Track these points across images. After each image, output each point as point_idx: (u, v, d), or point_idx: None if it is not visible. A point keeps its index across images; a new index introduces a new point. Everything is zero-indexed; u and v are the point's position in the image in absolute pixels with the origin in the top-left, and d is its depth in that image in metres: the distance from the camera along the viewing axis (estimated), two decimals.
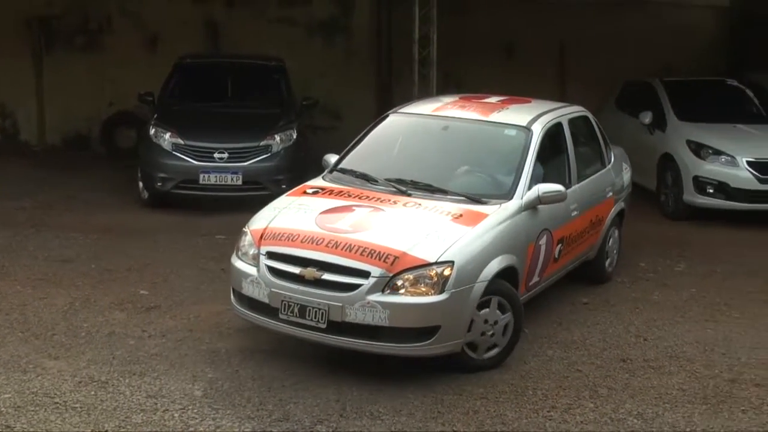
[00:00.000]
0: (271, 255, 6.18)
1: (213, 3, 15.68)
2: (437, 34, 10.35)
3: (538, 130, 7.28)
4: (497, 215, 6.47)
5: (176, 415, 5.52)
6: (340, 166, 7.37)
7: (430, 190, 6.75)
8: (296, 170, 11.19)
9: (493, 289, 6.16)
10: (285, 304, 5.97)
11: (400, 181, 6.84)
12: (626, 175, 9.14)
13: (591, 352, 6.68)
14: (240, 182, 10.90)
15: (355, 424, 5.44)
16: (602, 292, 8.15)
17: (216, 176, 10.85)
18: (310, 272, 5.93)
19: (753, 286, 8.62)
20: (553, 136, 7.52)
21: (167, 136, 11.06)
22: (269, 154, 11.10)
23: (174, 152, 10.96)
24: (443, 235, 6.10)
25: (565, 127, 7.79)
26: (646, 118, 12.19)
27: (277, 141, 11.21)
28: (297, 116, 12.06)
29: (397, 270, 5.84)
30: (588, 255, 8.15)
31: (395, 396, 5.81)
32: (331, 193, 6.81)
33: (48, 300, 7.53)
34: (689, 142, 11.50)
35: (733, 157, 11.13)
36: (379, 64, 15.89)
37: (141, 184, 11.34)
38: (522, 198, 6.70)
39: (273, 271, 6.12)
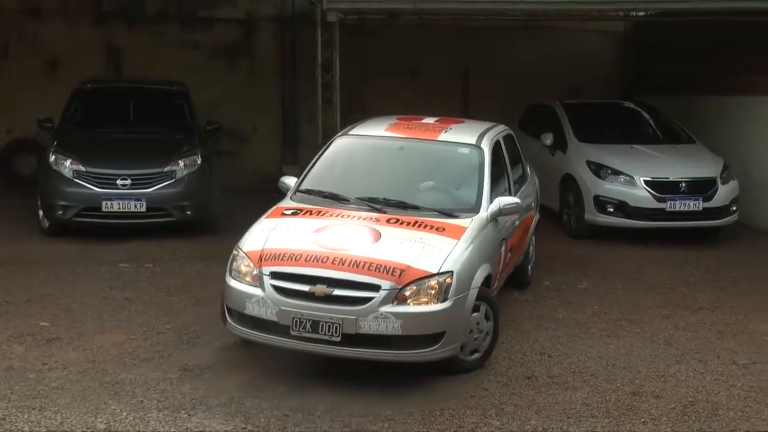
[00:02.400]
0: (276, 275, 6.35)
1: (113, 26, 15.51)
2: (341, 57, 10.43)
3: (487, 148, 7.84)
4: (473, 227, 6.95)
5: None
6: (303, 187, 7.62)
7: (403, 206, 7.13)
8: (201, 196, 11.16)
9: (479, 296, 6.66)
10: (296, 321, 6.16)
11: (372, 200, 7.20)
12: (538, 188, 9.75)
13: (497, 371, 6.79)
14: (144, 209, 10.76)
15: None
16: (507, 311, 8.29)
17: (119, 203, 10.70)
18: (321, 289, 6.18)
19: (652, 302, 8.90)
20: (496, 153, 8.07)
21: (68, 163, 10.87)
22: (173, 180, 11.00)
23: (75, 179, 10.77)
24: (437, 248, 6.53)
25: (502, 144, 8.41)
26: (548, 139, 12.51)
27: (181, 166, 11.11)
28: (201, 141, 11.99)
29: (404, 282, 6.21)
30: (519, 260, 8.70)
31: (302, 422, 5.81)
32: (310, 213, 7.08)
33: None
34: (589, 163, 11.84)
35: (631, 176, 11.49)
36: (283, 87, 15.92)
37: (41, 213, 11.09)
38: (487, 210, 7.23)
39: (279, 290, 6.30)
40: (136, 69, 15.01)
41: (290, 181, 7.82)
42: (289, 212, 7.16)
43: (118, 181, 10.74)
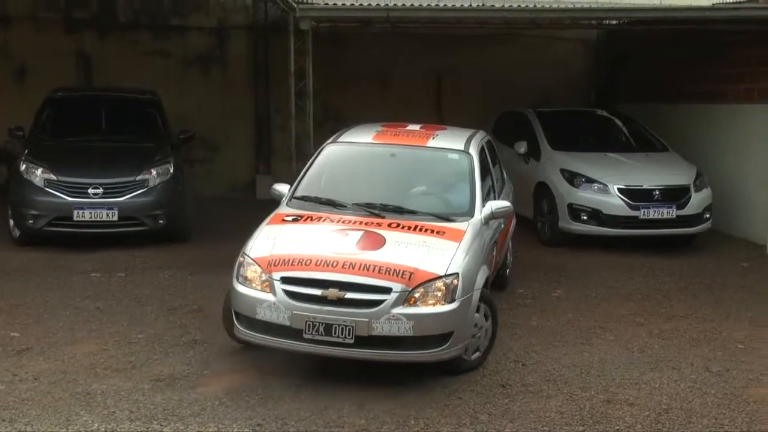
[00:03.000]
0: (287, 280, 6.44)
1: (84, 34, 15.43)
2: (315, 65, 10.44)
3: (475, 153, 8.12)
4: (470, 231, 7.16)
5: None
6: (298, 194, 7.73)
7: (400, 211, 7.32)
8: (174, 205, 11.12)
9: (480, 297, 6.88)
10: (309, 325, 6.28)
11: (369, 205, 7.36)
12: (513, 192, 9.88)
13: (470, 379, 6.79)
14: (116, 218, 10.71)
15: None
16: None
17: (91, 212, 10.63)
18: (333, 293, 6.30)
19: (626, 309, 8.96)
20: (482, 158, 8.32)
21: (39, 171, 10.80)
22: (146, 189, 10.95)
23: (46, 188, 10.70)
24: (441, 251, 6.72)
25: (485, 150, 8.67)
26: (521, 147, 12.56)
27: (153, 175, 11.07)
28: (174, 150, 11.96)
29: (414, 284, 6.38)
30: (500, 263, 8.91)
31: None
32: (311, 219, 7.21)
33: None
34: (563, 171, 11.91)
35: (605, 184, 11.56)
36: (256, 96, 15.91)
37: (12, 222, 11.02)
38: (481, 214, 7.46)
39: (291, 294, 6.39)
40: (107, 77, 14.94)
41: (283, 188, 7.90)
42: (290, 218, 7.26)
43: (90, 190, 10.68)
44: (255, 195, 15.69)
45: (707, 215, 11.83)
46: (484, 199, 7.69)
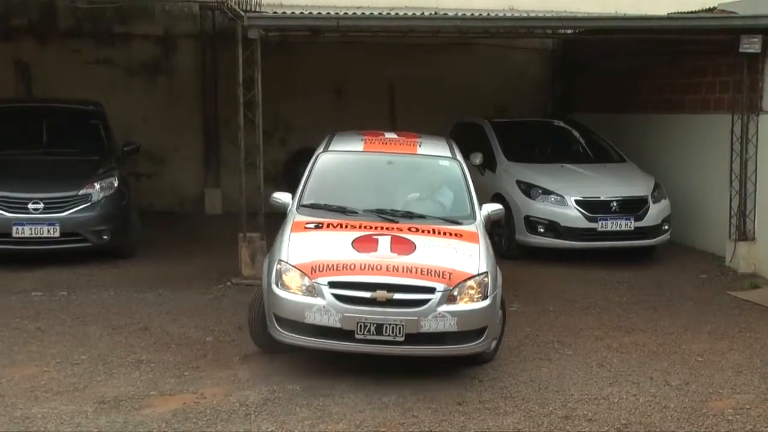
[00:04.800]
0: (334, 284, 6.88)
1: (23, 42, 15.24)
2: (265, 75, 10.41)
3: (461, 159, 8.78)
4: (481, 232, 7.80)
5: None
6: (306, 202, 8.08)
7: (410, 216, 7.86)
8: (118, 220, 11.04)
9: None
10: (361, 325, 6.75)
11: (380, 211, 7.88)
12: None
13: (426, 396, 6.80)
14: (57, 234, 10.59)
15: None
16: None
17: (31, 228, 10.51)
18: (382, 294, 6.81)
19: (584, 323, 9.04)
20: (466, 164, 8.92)
21: None
22: (89, 204, 10.84)
23: None
24: (467, 251, 7.34)
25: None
26: (477, 159, 12.59)
27: (97, 189, 10.97)
28: (118, 163, 11.87)
29: (454, 283, 6.98)
30: None
31: None
32: (331, 225, 7.60)
33: None
34: (519, 183, 11.99)
35: (562, 196, 11.67)
36: (205, 107, 15.83)
37: None
38: (481, 217, 8.08)
39: (340, 298, 6.84)
40: (48, 87, 14.76)
41: (283, 197, 8.23)
42: (312, 225, 7.62)
43: (30, 205, 10.55)
44: (204, 209, 15.61)
45: (666, 227, 11.99)
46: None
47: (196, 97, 15.86)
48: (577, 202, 11.61)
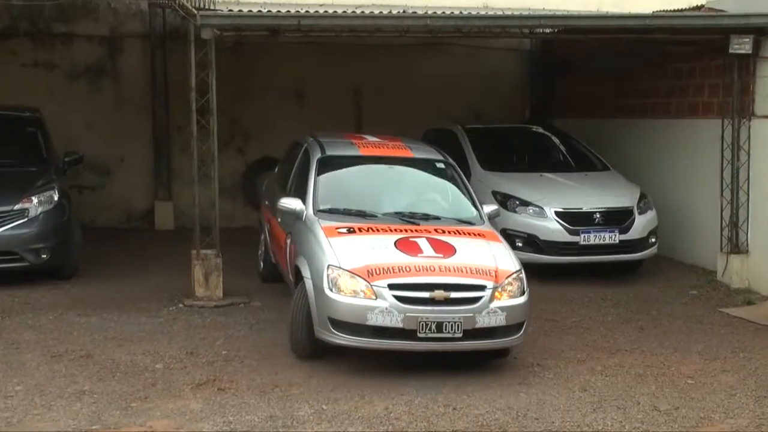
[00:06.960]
0: (394, 286, 7.64)
1: None
2: (220, 79, 10.34)
3: (452, 162, 9.70)
4: (497, 233, 8.81)
5: None
6: (322, 207, 8.81)
7: (426, 218, 8.76)
8: (59, 237, 10.96)
9: None
10: (423, 324, 7.55)
11: (399, 214, 8.78)
12: None
13: (396, 426, 6.76)
14: None
15: None
16: (406, 358, 8.28)
17: None
18: (440, 294, 7.63)
19: (566, 344, 9.05)
20: None
21: None
22: (26, 220, 10.76)
23: None
24: (498, 250, 8.28)
25: None
26: None
27: (34, 204, 10.87)
28: (58, 175, 11.75)
29: (500, 281, 7.88)
30: None
31: None
32: (361, 230, 8.35)
33: None
34: (495, 193, 11.97)
35: (541, 208, 11.69)
36: (154, 113, 15.73)
37: None
38: (486, 217, 9.04)
39: (401, 299, 7.60)
40: None
41: (293, 203, 8.92)
42: (344, 230, 8.34)
43: None
44: (154, 224, 15.49)
45: (653, 239, 12.03)
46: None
47: (145, 103, 15.74)
48: (557, 213, 11.63)
